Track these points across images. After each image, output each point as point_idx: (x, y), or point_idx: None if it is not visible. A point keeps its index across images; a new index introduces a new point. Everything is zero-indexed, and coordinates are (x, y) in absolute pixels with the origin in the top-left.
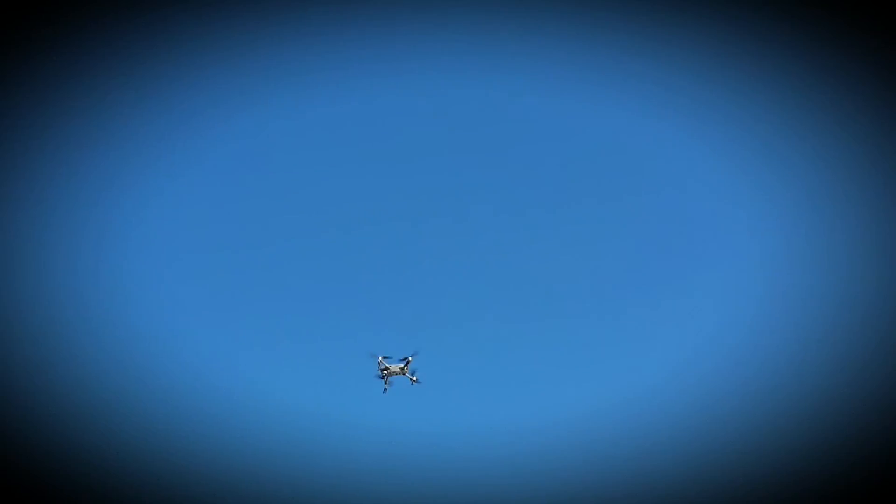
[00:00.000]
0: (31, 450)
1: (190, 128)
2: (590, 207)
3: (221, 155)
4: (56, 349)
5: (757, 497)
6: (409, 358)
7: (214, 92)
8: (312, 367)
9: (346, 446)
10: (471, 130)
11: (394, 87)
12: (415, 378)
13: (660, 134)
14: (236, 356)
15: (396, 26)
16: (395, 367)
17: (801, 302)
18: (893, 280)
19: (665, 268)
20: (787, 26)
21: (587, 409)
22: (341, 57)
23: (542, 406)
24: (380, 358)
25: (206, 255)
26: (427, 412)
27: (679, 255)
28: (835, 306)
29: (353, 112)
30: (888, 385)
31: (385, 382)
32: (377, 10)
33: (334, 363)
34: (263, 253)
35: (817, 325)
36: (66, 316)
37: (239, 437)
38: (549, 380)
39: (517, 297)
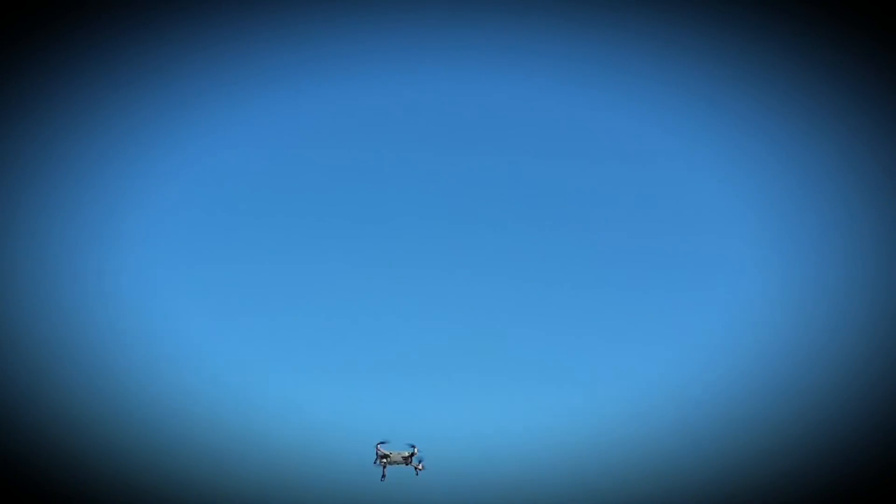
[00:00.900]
0: (30, 451)
1: (189, 126)
2: (590, 207)
3: (221, 154)
4: (52, 351)
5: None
6: (415, 448)
7: (213, 90)
8: (311, 366)
9: (344, 446)
10: (471, 129)
11: (393, 86)
12: (420, 467)
13: (661, 133)
14: (236, 356)
15: (395, 23)
16: (395, 456)
17: (805, 302)
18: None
19: (666, 269)
20: (786, 26)
21: (585, 411)
22: (342, 55)
23: (542, 407)
24: (377, 446)
25: (205, 255)
26: (428, 413)
27: (681, 256)
28: (840, 305)
29: (354, 111)
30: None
31: (383, 470)
32: (378, 6)
33: (333, 362)
34: (263, 252)
35: (822, 325)
36: (65, 315)
37: (243, 439)
38: (547, 381)
39: (516, 299)
